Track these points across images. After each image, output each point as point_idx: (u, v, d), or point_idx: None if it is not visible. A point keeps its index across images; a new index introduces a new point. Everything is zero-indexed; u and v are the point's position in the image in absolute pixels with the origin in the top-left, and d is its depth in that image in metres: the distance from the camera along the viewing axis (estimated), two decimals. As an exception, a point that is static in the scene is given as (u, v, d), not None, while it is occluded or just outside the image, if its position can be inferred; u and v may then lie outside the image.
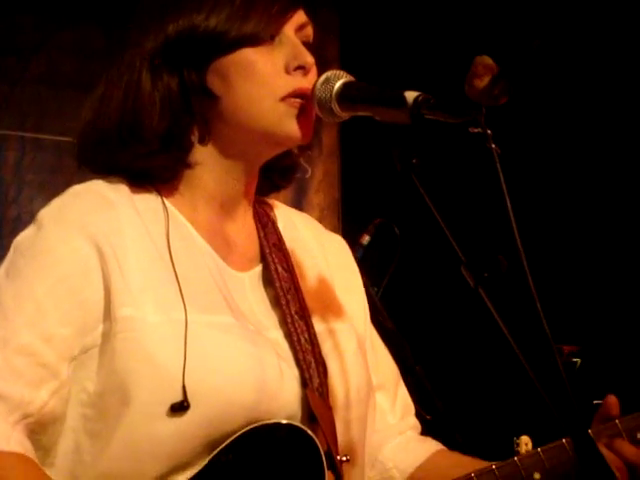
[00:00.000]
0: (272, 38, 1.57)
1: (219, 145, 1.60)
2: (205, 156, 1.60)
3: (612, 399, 1.64)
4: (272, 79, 1.56)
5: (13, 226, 4.43)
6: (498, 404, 3.91)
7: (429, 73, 3.82)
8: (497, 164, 1.31)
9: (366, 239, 2.95)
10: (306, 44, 1.61)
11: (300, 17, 1.61)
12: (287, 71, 1.58)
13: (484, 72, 1.40)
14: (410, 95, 1.41)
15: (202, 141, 1.59)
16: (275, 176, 1.72)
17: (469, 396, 3.96)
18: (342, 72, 1.56)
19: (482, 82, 1.39)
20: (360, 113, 1.52)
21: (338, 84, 1.53)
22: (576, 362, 3.55)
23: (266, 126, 1.57)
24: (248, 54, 1.56)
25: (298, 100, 1.57)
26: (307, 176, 4.82)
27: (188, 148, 1.59)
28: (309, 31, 1.62)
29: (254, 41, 1.55)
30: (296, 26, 1.60)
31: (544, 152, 4.57)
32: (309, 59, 1.59)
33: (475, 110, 1.33)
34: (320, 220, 5.18)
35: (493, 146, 1.32)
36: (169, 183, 1.61)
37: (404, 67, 4.31)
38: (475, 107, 1.34)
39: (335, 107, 1.53)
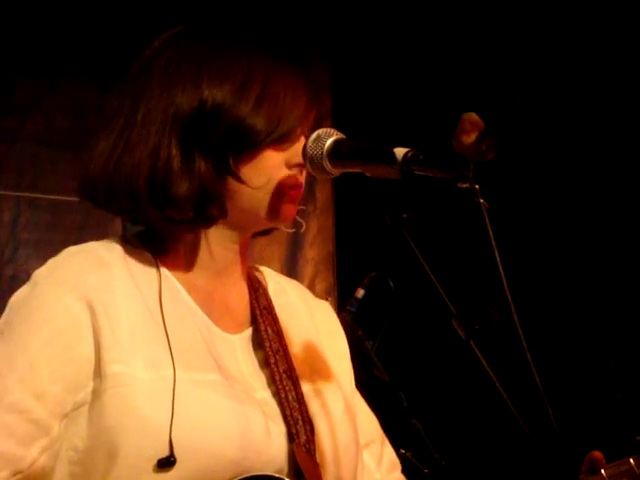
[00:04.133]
0: (291, 142, 1.62)
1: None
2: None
3: (597, 454, 1.65)
4: (274, 172, 1.61)
5: (9, 285, 4.41)
6: (495, 456, 3.89)
7: (419, 128, 3.86)
8: (486, 218, 1.33)
9: (361, 293, 2.96)
10: (306, 133, 1.65)
11: (312, 116, 1.66)
12: (288, 166, 1.62)
13: (471, 128, 1.42)
14: (399, 151, 1.43)
15: (223, 216, 1.62)
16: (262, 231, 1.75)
17: (466, 448, 3.94)
18: (332, 130, 1.58)
19: (469, 138, 1.41)
20: (351, 170, 1.54)
21: (329, 142, 1.55)
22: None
23: (255, 210, 1.62)
24: (267, 154, 1.61)
25: (292, 192, 1.62)
26: (302, 231, 4.83)
27: (213, 221, 1.62)
28: (312, 120, 1.67)
29: (277, 144, 1.61)
30: (308, 121, 1.65)
31: (532, 205, 4.61)
32: None
33: (463, 166, 1.36)
34: (315, 274, 5.19)
35: (481, 201, 1.34)
36: (163, 245, 1.65)
37: (395, 122, 4.35)
38: (463, 163, 1.37)
39: (326, 164, 1.56)
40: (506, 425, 1.31)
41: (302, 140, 1.62)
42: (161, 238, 1.65)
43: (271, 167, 1.61)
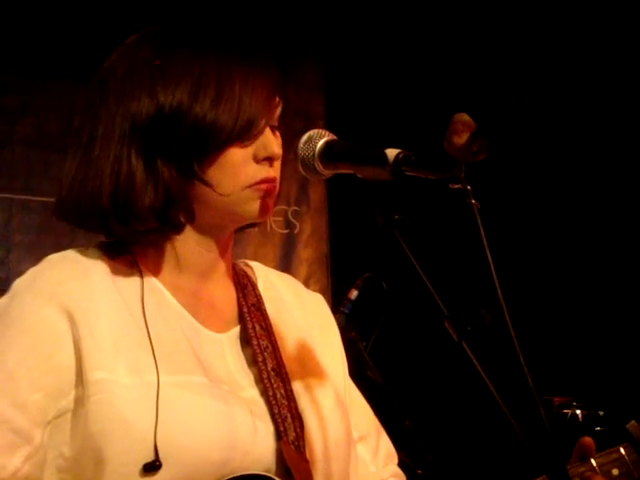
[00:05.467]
0: (254, 137, 1.61)
1: (191, 224, 1.64)
2: (181, 233, 1.64)
3: (587, 440, 1.65)
4: (241, 169, 1.60)
5: (2, 287, 4.40)
6: (488, 455, 3.90)
7: (411, 129, 3.86)
8: (477, 219, 1.33)
9: (354, 294, 2.95)
10: (272, 126, 1.64)
11: (276, 108, 1.65)
12: (256, 160, 1.61)
13: (462, 129, 1.41)
14: (391, 153, 1.43)
15: (191, 220, 1.62)
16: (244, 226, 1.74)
17: (460, 449, 3.95)
18: (324, 131, 1.58)
19: (461, 139, 1.40)
20: (342, 171, 1.54)
21: (320, 143, 1.55)
22: (567, 414, 3.55)
23: (230, 207, 1.61)
24: (231, 152, 1.59)
25: (262, 187, 1.61)
26: (295, 232, 4.84)
27: (180, 227, 1.62)
28: (277, 111, 1.65)
29: (240, 140, 1.59)
30: (272, 114, 1.64)
31: (524, 206, 4.62)
32: (276, 150, 1.62)
33: (454, 167, 1.36)
34: (308, 275, 5.20)
35: (473, 201, 1.34)
36: (146, 252, 1.64)
37: (387, 123, 4.36)
38: (454, 164, 1.37)
39: (318, 165, 1.55)
40: (499, 426, 1.31)
41: (267, 132, 1.62)
42: (142, 244, 1.64)
43: (238, 165, 1.59)
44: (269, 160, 1.61)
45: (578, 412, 3.64)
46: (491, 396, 1.30)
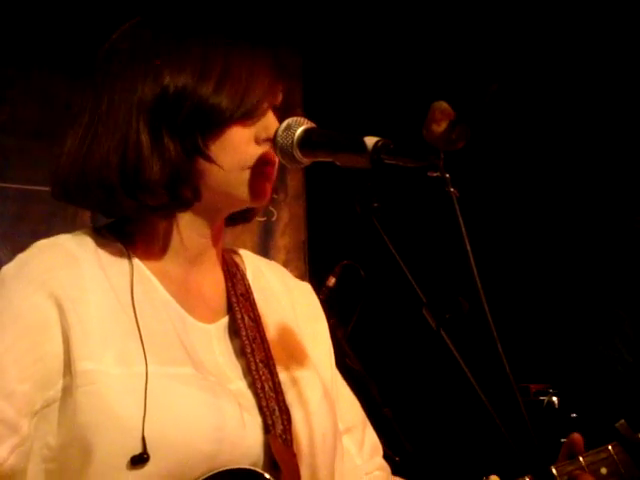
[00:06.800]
0: (257, 117, 1.61)
1: None
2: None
3: (576, 436, 1.64)
4: (242, 148, 1.60)
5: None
6: (466, 443, 3.91)
7: (389, 117, 3.86)
8: (456, 207, 1.33)
9: (332, 281, 2.96)
10: (275, 107, 1.64)
11: (279, 92, 1.65)
12: (257, 141, 1.61)
13: (441, 117, 1.42)
14: (370, 140, 1.42)
15: (197, 198, 1.61)
16: (238, 217, 1.74)
17: (437, 436, 3.96)
18: (303, 119, 1.58)
19: (439, 127, 1.41)
20: (321, 159, 1.54)
21: (299, 131, 1.55)
22: (543, 400, 3.57)
23: (228, 189, 1.61)
24: (233, 131, 1.59)
25: (262, 169, 1.60)
26: (273, 219, 4.83)
27: (187, 204, 1.61)
28: (280, 96, 1.66)
29: (242, 120, 1.59)
30: (274, 99, 1.64)
31: (503, 194, 4.63)
32: None
33: (433, 155, 1.36)
34: (286, 262, 5.21)
35: (452, 189, 1.34)
36: (134, 235, 1.63)
37: (366, 111, 4.36)
38: (433, 152, 1.36)
39: (297, 153, 1.55)
40: (479, 413, 1.31)
41: (270, 115, 1.62)
42: (133, 228, 1.63)
43: (239, 143, 1.59)
44: (270, 141, 1.61)
45: (554, 399, 3.66)
46: (469, 384, 1.30)
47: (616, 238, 2.89)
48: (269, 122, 1.61)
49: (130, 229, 1.64)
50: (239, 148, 1.59)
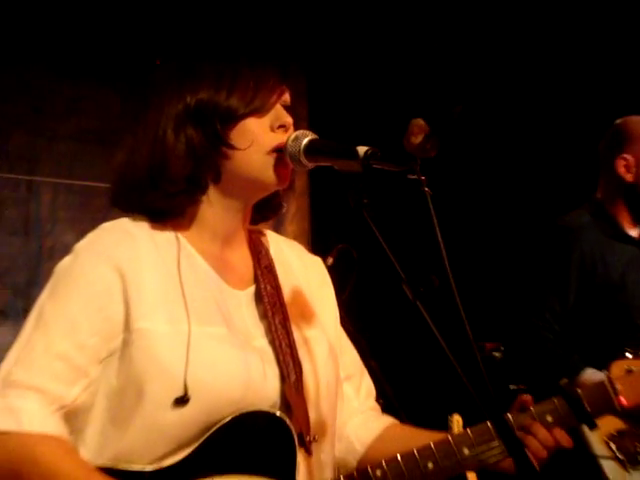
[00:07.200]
0: (266, 110, 1.60)
1: (220, 189, 1.61)
2: (210, 198, 1.61)
3: (526, 396, 1.62)
4: (261, 137, 1.58)
5: (49, 253, 4.41)
6: (435, 390, 3.92)
7: (378, 131, 3.85)
8: (430, 203, 1.33)
9: (330, 261, 2.96)
10: (285, 106, 1.63)
11: (284, 91, 1.64)
12: (272, 130, 1.59)
13: (418, 131, 1.42)
14: (361, 149, 1.42)
15: (216, 181, 1.59)
16: (264, 211, 1.73)
17: (414, 383, 3.97)
18: (308, 132, 1.57)
19: (417, 139, 1.41)
20: (322, 163, 1.53)
21: (305, 141, 1.55)
22: (496, 356, 3.57)
23: (254, 174, 1.59)
24: (248, 122, 1.58)
25: (282, 154, 1.58)
26: (283, 211, 4.82)
27: (205, 187, 1.59)
28: (287, 97, 1.65)
29: (255, 114, 1.58)
30: (280, 96, 1.63)
31: (468, 194, 4.65)
32: (288, 119, 1.61)
33: (412, 161, 1.35)
34: (294, 246, 5.12)
35: (426, 189, 1.34)
36: (181, 220, 1.62)
37: (359, 125, 4.34)
38: (412, 159, 1.36)
39: (303, 159, 1.55)
40: (445, 366, 1.31)
41: (279, 107, 1.61)
42: (179, 215, 1.62)
43: (255, 130, 1.58)
44: (283, 128, 1.60)
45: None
46: (439, 343, 1.30)
47: (545, 235, 2.90)
48: (279, 113, 1.60)
49: (176, 215, 1.62)
50: (256, 136, 1.57)
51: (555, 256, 2.84)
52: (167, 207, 1.59)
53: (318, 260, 1.85)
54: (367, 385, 1.82)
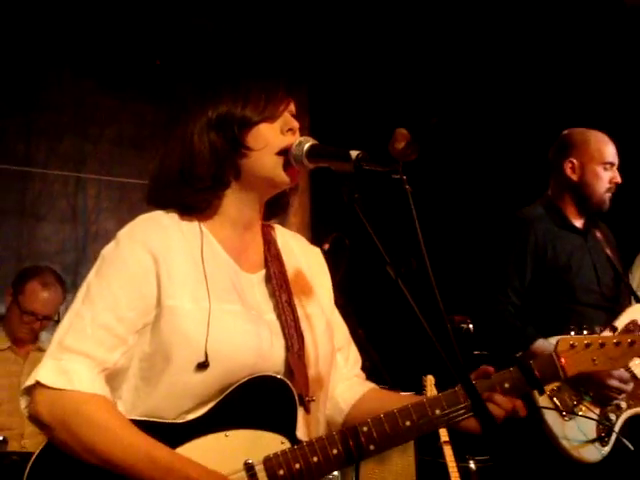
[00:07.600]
0: (276, 117, 1.60)
1: (239, 185, 1.60)
2: (232, 192, 1.60)
3: (489, 368, 1.60)
4: (272, 139, 1.57)
5: (94, 238, 4.47)
6: (413, 354, 3.92)
7: (369, 138, 3.84)
8: (410, 199, 1.32)
9: (326, 246, 2.96)
10: (292, 114, 1.63)
11: (290, 102, 1.64)
12: (282, 133, 1.59)
13: (401, 139, 1.41)
14: (353, 153, 1.41)
15: (236, 178, 1.59)
16: (274, 208, 1.71)
17: (394, 349, 3.97)
18: (310, 138, 1.56)
19: (400, 145, 1.40)
20: (321, 165, 1.52)
21: (307, 146, 1.54)
22: (463, 328, 3.57)
23: (267, 173, 1.58)
24: (261, 127, 1.58)
25: (289, 157, 1.57)
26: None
27: (228, 183, 1.59)
28: (293, 107, 1.64)
29: (267, 120, 1.58)
30: (287, 106, 1.63)
31: (443, 191, 4.64)
32: (295, 124, 1.61)
33: (395, 164, 1.35)
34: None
35: (407, 187, 1.33)
36: (205, 213, 1.61)
37: (354, 131, 4.34)
38: (395, 162, 1.35)
39: (305, 161, 1.54)
40: (421, 335, 1.30)
41: (287, 115, 1.61)
42: (205, 209, 1.61)
43: (267, 134, 1.57)
44: (292, 131, 1.59)
45: (471, 327, 3.66)
46: (416, 315, 1.29)
47: (506, 225, 2.91)
48: (287, 119, 1.60)
49: (201, 210, 1.61)
50: (268, 139, 1.57)
51: (514, 242, 2.86)
52: (196, 202, 1.58)
53: (318, 251, 1.85)
54: (354, 355, 1.82)
